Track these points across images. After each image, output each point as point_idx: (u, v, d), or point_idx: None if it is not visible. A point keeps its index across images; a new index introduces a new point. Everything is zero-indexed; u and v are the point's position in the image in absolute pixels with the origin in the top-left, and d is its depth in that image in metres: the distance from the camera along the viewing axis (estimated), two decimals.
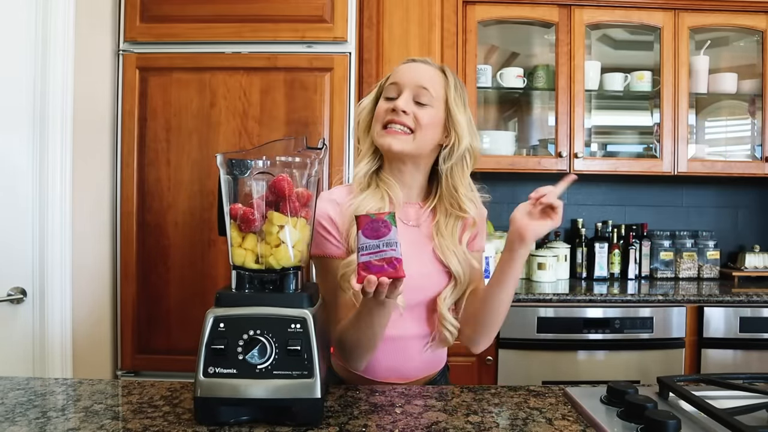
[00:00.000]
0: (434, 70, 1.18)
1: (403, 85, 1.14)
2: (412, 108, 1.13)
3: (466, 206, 1.20)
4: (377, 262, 0.91)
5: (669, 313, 2.20)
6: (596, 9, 2.49)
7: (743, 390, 0.99)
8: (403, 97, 1.13)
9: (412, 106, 1.13)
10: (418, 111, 1.13)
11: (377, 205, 1.16)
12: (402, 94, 1.14)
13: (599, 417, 0.91)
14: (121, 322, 2.19)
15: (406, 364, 1.23)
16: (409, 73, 1.15)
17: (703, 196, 2.89)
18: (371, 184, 1.20)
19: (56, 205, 1.85)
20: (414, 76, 1.15)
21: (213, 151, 2.14)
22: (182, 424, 0.90)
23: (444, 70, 1.18)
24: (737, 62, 2.67)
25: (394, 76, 1.17)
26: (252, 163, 0.93)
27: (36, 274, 1.83)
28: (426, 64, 1.18)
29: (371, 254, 0.91)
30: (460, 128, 1.16)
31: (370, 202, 1.16)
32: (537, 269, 2.52)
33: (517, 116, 2.82)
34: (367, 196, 1.17)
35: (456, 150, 1.17)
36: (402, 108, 1.12)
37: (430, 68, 1.18)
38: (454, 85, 1.17)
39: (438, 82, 1.16)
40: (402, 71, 1.17)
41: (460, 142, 1.17)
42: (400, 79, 1.15)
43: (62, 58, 1.85)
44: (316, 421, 0.90)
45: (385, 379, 1.23)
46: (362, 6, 2.32)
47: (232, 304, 0.92)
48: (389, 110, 1.13)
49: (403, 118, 1.12)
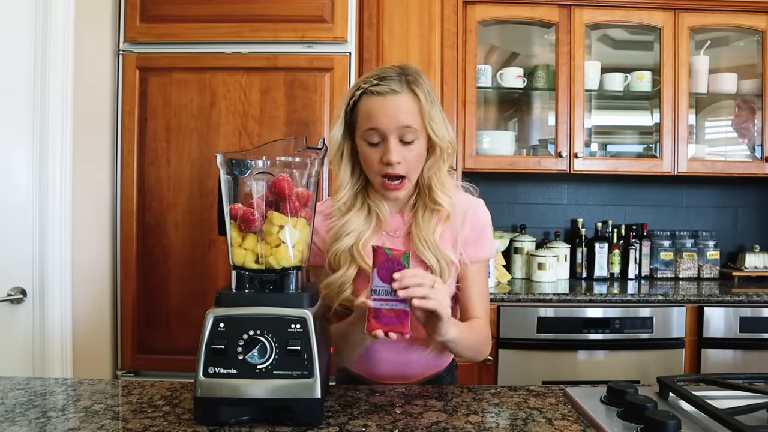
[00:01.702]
0: (406, 99, 1.11)
1: (386, 131, 1.10)
2: (404, 154, 1.12)
3: (439, 198, 1.18)
4: (387, 312, 0.96)
5: (669, 313, 2.20)
6: (596, 9, 2.49)
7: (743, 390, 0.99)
8: (392, 148, 1.10)
9: (402, 151, 1.12)
10: (408, 153, 1.12)
11: (363, 226, 1.17)
12: (389, 141, 1.10)
13: (599, 417, 0.91)
14: (121, 322, 2.19)
15: (408, 366, 1.24)
16: (386, 114, 1.10)
17: (703, 196, 2.89)
18: (356, 203, 1.20)
19: (56, 205, 1.85)
20: (393, 117, 1.10)
21: (213, 151, 2.14)
22: (182, 424, 0.90)
23: (413, 89, 1.12)
24: (737, 62, 2.67)
25: (368, 119, 1.11)
26: (252, 163, 0.93)
27: (36, 274, 1.83)
28: (395, 94, 1.10)
29: (383, 301, 0.96)
30: (436, 137, 1.15)
31: (356, 221, 1.17)
32: (537, 269, 2.52)
33: (517, 116, 2.82)
34: (354, 216, 1.18)
35: (434, 155, 1.18)
36: (395, 161, 1.11)
37: (401, 99, 1.11)
38: (426, 100, 1.13)
39: (414, 111, 1.12)
40: (377, 115, 1.10)
41: (441, 150, 1.17)
42: (380, 125, 1.10)
43: (62, 58, 1.85)
44: (316, 421, 0.90)
45: (389, 381, 1.24)
46: (362, 6, 2.32)
47: (232, 304, 0.92)
48: (383, 164, 1.12)
49: (398, 169, 1.12)
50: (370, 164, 1.14)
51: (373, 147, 1.13)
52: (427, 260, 1.16)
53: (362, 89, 1.13)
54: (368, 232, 1.17)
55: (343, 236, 1.16)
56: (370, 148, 1.13)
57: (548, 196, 2.88)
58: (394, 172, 1.12)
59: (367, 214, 1.19)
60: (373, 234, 1.18)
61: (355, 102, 1.15)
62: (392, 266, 0.96)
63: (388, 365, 1.24)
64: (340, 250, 1.15)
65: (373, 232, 1.18)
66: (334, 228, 1.17)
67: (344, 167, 1.19)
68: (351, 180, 1.19)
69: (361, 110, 1.13)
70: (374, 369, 1.25)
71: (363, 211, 1.19)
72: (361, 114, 1.14)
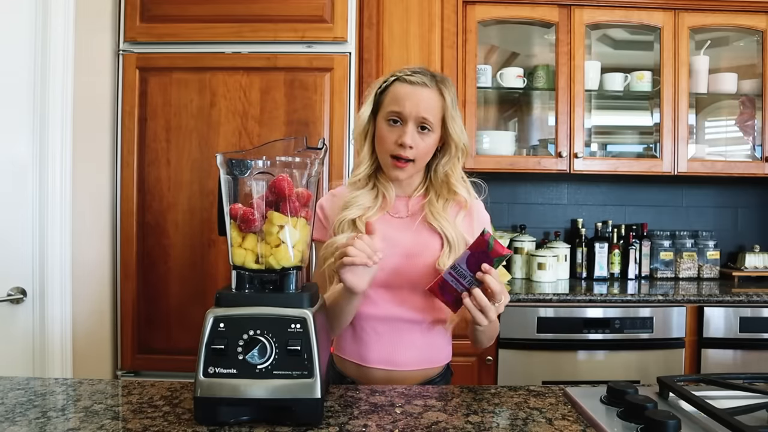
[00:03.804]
0: (433, 95, 1.23)
1: (406, 116, 1.21)
2: (417, 140, 1.22)
3: (457, 188, 1.28)
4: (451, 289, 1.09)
5: (669, 313, 2.20)
6: (596, 9, 2.49)
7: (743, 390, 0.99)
8: (409, 132, 1.21)
9: (417, 138, 1.22)
10: (421, 141, 1.23)
11: (369, 203, 1.27)
12: (407, 126, 1.22)
13: (599, 417, 0.91)
14: (121, 322, 2.19)
15: (400, 350, 1.25)
16: (411, 103, 1.21)
17: (703, 196, 2.89)
18: (368, 183, 1.30)
19: (56, 205, 1.85)
20: (416, 106, 1.21)
21: (213, 151, 2.14)
22: (182, 424, 0.90)
23: (441, 90, 1.24)
24: (737, 62, 2.67)
25: (395, 101, 1.22)
26: (252, 163, 0.93)
27: (36, 273, 1.83)
28: (425, 87, 1.22)
29: (456, 280, 1.07)
30: (456, 137, 1.26)
31: (364, 198, 1.27)
32: (537, 269, 2.52)
33: (517, 116, 2.82)
34: (362, 193, 1.28)
35: (450, 153, 1.28)
36: (409, 144, 1.21)
37: (429, 93, 1.23)
38: (451, 102, 1.25)
39: (437, 108, 1.23)
40: (404, 99, 1.21)
41: (457, 148, 1.27)
42: (403, 109, 1.21)
43: (62, 58, 1.85)
44: (316, 421, 0.90)
45: (377, 366, 1.25)
46: (362, 6, 2.32)
47: (232, 304, 0.92)
48: (397, 144, 1.22)
49: (408, 153, 1.22)
50: (385, 142, 1.24)
51: (391, 127, 1.23)
52: (440, 228, 1.25)
53: (396, 76, 1.25)
54: (372, 210, 1.26)
55: (351, 207, 1.25)
56: (389, 127, 1.24)
57: (548, 196, 2.88)
58: (405, 154, 1.22)
59: (375, 194, 1.29)
60: (377, 212, 1.27)
61: (387, 86, 1.26)
62: (483, 259, 1.04)
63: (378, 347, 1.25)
64: (346, 218, 1.24)
65: (377, 211, 1.27)
66: (345, 198, 1.28)
67: (367, 146, 1.29)
68: (370, 159, 1.30)
69: (391, 93, 1.24)
70: (364, 351, 1.26)
71: (373, 191, 1.29)
72: (389, 96, 1.25)
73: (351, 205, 1.25)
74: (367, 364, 1.26)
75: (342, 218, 1.24)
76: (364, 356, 1.27)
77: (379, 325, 1.25)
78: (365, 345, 1.26)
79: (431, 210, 1.27)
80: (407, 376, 1.26)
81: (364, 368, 1.26)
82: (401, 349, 1.25)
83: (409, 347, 1.25)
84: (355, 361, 1.28)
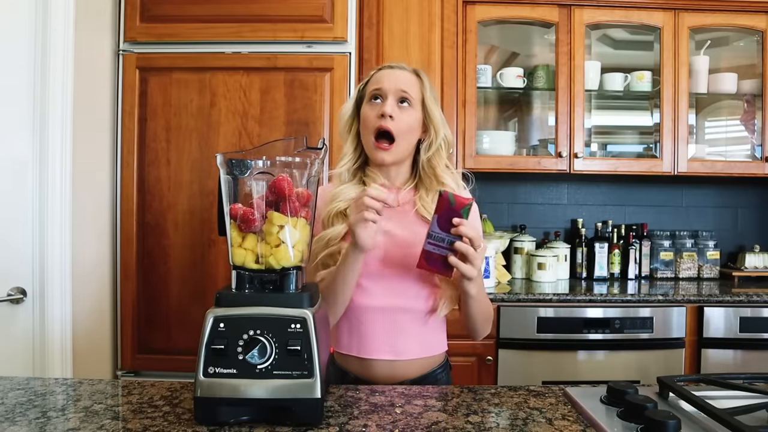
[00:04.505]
0: (410, 75, 1.31)
1: (386, 91, 1.27)
2: (397, 112, 1.26)
3: (444, 179, 1.31)
4: (437, 256, 1.13)
5: (669, 313, 2.20)
6: (596, 9, 2.49)
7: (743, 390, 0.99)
8: (389, 103, 1.25)
9: (396, 110, 1.26)
10: (401, 114, 1.26)
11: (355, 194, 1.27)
12: (387, 100, 1.26)
13: (599, 417, 0.91)
14: (121, 322, 2.19)
15: (399, 339, 1.25)
16: (390, 79, 1.28)
17: (703, 196, 2.89)
18: (354, 177, 1.33)
19: (56, 205, 1.85)
20: (395, 81, 1.27)
21: (213, 151, 2.14)
22: (182, 424, 0.90)
23: (418, 73, 1.32)
24: (737, 62, 2.67)
25: (376, 82, 1.29)
26: (252, 163, 0.93)
27: (36, 273, 1.83)
28: (402, 69, 1.31)
29: (437, 246, 1.12)
30: (437, 122, 1.30)
31: (350, 190, 1.29)
32: (537, 269, 2.52)
33: (517, 116, 2.82)
34: (349, 186, 1.30)
35: (434, 142, 1.31)
36: (389, 113, 1.24)
37: (406, 73, 1.31)
38: (428, 86, 1.31)
39: (415, 85, 1.30)
40: (383, 78, 1.29)
41: (437, 135, 1.30)
42: (383, 85, 1.27)
43: (62, 58, 1.85)
44: (316, 421, 0.90)
45: (378, 356, 1.25)
46: (362, 6, 2.32)
47: (232, 304, 0.92)
48: (378, 116, 1.25)
49: (389, 123, 1.24)
50: (368, 120, 1.27)
51: (373, 105, 1.28)
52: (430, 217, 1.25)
53: (378, 69, 1.33)
54: None
55: (338, 200, 1.28)
56: (370, 105, 1.28)
57: (548, 196, 2.88)
58: (385, 125, 1.24)
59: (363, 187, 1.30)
60: None
61: (369, 80, 1.32)
62: (452, 215, 1.09)
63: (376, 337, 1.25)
64: (333, 210, 1.27)
65: None
66: (332, 192, 1.30)
67: (350, 141, 1.33)
68: (353, 154, 1.33)
69: (372, 80, 1.31)
70: (364, 342, 1.26)
71: (359, 185, 1.32)
72: (370, 83, 1.31)
73: (337, 197, 1.27)
74: (369, 356, 1.26)
75: (330, 210, 1.27)
76: (364, 349, 1.27)
77: (376, 316, 1.26)
78: (364, 337, 1.26)
79: (422, 204, 1.29)
80: (409, 366, 1.26)
81: (366, 361, 1.26)
82: (400, 338, 1.26)
83: (407, 336, 1.26)
84: (356, 355, 1.28)
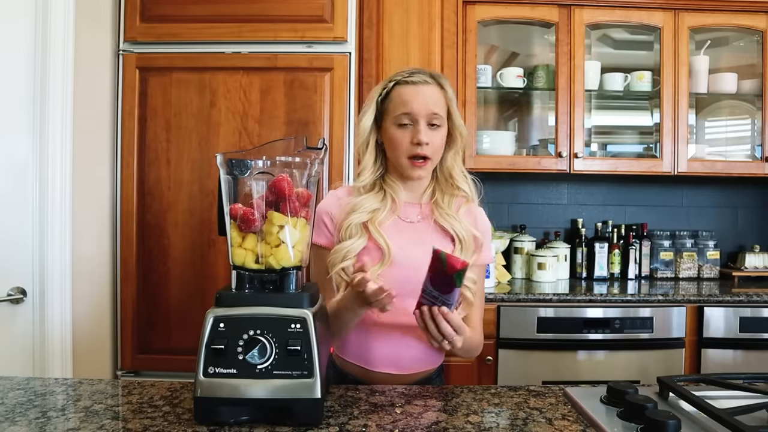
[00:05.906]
0: (435, 89, 1.27)
1: (416, 115, 1.24)
2: (429, 136, 1.24)
3: (459, 183, 1.31)
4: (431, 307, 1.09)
5: (669, 313, 2.20)
6: (596, 9, 2.49)
7: (743, 390, 0.99)
8: (422, 130, 1.23)
9: (430, 134, 1.24)
10: (434, 136, 1.25)
11: (377, 205, 1.27)
12: (418, 125, 1.24)
13: (599, 417, 0.91)
14: (121, 322, 2.19)
15: (402, 353, 1.25)
16: (418, 100, 1.24)
17: (703, 196, 2.89)
18: (374, 188, 1.30)
19: (56, 205, 1.85)
20: (424, 104, 1.24)
21: (213, 151, 2.14)
22: (182, 424, 0.90)
23: (441, 83, 1.28)
24: (737, 62, 2.67)
25: (403, 105, 1.24)
26: (252, 163, 0.93)
27: (36, 273, 1.83)
28: (425, 84, 1.26)
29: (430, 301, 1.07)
30: (461, 127, 1.30)
31: (371, 201, 1.27)
32: (537, 269, 2.52)
33: (517, 116, 2.82)
34: (368, 197, 1.28)
35: (455, 146, 1.31)
36: (425, 141, 1.23)
37: (432, 88, 1.26)
38: (451, 93, 1.29)
39: (441, 100, 1.27)
40: (411, 100, 1.24)
41: (462, 138, 1.31)
42: (412, 109, 1.23)
43: (62, 58, 1.85)
44: (316, 421, 0.90)
45: (381, 369, 1.25)
46: (362, 6, 2.32)
47: (232, 304, 0.92)
48: (413, 144, 1.24)
49: (426, 150, 1.23)
50: (400, 146, 1.25)
51: (403, 129, 1.25)
52: (451, 228, 1.26)
53: (395, 81, 1.27)
54: (383, 212, 1.27)
55: (358, 211, 1.26)
56: (400, 130, 1.25)
57: (548, 196, 2.88)
58: (422, 152, 1.23)
59: (383, 197, 1.29)
60: (388, 215, 1.28)
61: (387, 92, 1.28)
62: (447, 280, 1.03)
63: (382, 353, 1.25)
64: (353, 222, 1.24)
65: (388, 214, 1.28)
66: (351, 203, 1.27)
67: (369, 154, 1.30)
68: (373, 167, 1.31)
69: (395, 98, 1.26)
70: (368, 355, 1.26)
71: (379, 194, 1.30)
72: (394, 101, 1.26)
73: (357, 209, 1.25)
74: (372, 368, 1.26)
75: (350, 222, 1.24)
76: (368, 360, 1.27)
77: (384, 332, 1.25)
78: (370, 350, 1.26)
79: (439, 211, 1.29)
80: (409, 378, 1.27)
81: (368, 371, 1.27)
82: (406, 354, 1.26)
83: (412, 352, 1.26)
84: (359, 364, 1.28)
